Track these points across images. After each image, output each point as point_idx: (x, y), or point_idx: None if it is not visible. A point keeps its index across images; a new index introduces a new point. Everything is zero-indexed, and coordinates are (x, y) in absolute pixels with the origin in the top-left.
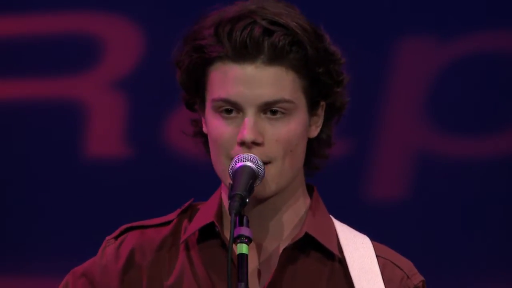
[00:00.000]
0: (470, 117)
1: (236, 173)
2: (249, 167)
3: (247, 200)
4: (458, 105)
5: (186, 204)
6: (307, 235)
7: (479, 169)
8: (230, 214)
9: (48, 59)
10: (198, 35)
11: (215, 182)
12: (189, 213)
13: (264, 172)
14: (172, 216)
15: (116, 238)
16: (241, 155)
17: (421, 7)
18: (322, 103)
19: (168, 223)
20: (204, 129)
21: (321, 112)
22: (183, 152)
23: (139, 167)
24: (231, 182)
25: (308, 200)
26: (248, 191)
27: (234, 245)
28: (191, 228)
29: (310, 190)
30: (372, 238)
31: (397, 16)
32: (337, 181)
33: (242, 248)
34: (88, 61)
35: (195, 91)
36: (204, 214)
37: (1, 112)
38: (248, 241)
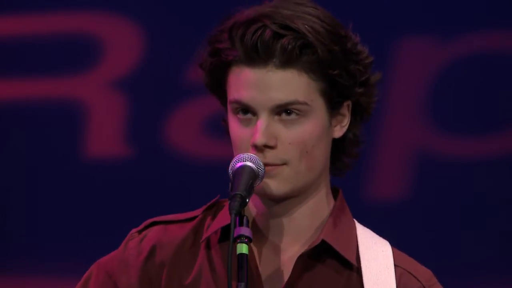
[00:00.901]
0: (470, 117)
1: (236, 173)
2: (249, 167)
3: (247, 200)
4: (458, 105)
5: (213, 201)
6: (323, 242)
7: (479, 169)
8: (230, 214)
9: (48, 59)
10: (217, 38)
11: (215, 181)
12: (214, 210)
13: (264, 172)
14: (197, 212)
15: (140, 232)
16: (241, 155)
17: (421, 7)
18: (347, 102)
19: (192, 219)
20: None
21: (346, 111)
22: (183, 152)
23: (139, 167)
24: (231, 182)
25: (331, 204)
26: (248, 191)
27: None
28: (213, 226)
29: (336, 194)
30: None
31: (397, 16)
32: (336, 181)
33: (242, 248)
34: (88, 61)
35: (218, 92)
36: (227, 213)
37: (1, 112)
38: (248, 241)
